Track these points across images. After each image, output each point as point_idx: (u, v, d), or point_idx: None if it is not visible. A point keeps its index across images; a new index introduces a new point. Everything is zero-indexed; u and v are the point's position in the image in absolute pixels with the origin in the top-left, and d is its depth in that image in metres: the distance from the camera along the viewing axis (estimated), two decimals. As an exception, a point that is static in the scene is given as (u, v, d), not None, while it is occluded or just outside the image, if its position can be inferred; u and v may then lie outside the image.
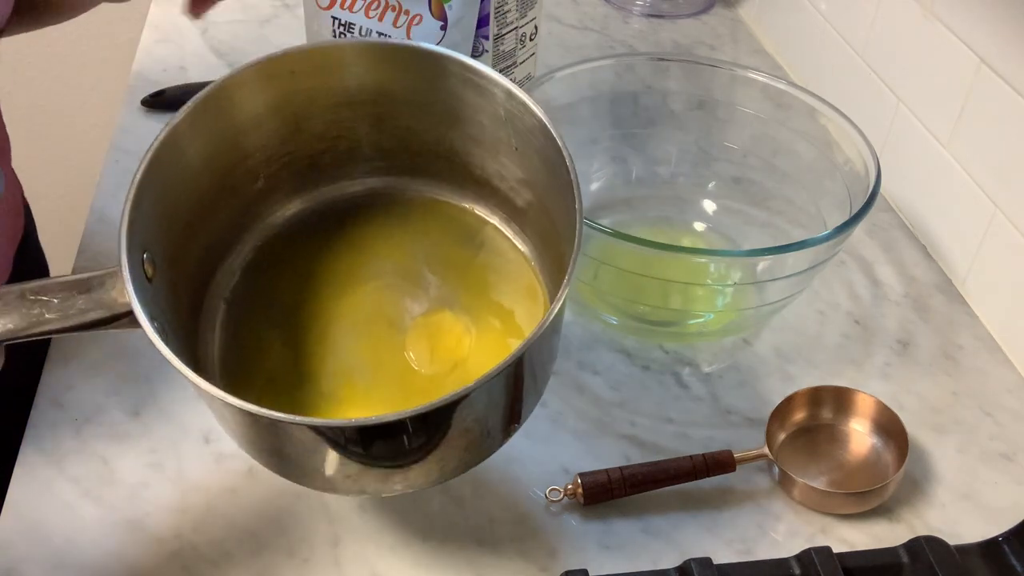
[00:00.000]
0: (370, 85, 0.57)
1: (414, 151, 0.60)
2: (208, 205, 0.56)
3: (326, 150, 0.60)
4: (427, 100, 0.57)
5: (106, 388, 0.68)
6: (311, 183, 0.60)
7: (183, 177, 0.53)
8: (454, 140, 0.58)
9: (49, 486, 0.62)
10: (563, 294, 0.47)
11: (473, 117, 0.56)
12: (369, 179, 0.61)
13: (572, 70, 0.80)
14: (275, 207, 0.60)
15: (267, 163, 0.58)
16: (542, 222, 0.55)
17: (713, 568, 0.57)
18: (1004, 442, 0.69)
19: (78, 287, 0.47)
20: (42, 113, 1.54)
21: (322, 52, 0.56)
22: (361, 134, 0.59)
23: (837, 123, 0.75)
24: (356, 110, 0.58)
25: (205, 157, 0.55)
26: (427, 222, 0.59)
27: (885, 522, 0.63)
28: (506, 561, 0.60)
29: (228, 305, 0.58)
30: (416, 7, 0.81)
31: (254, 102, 0.56)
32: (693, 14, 1.19)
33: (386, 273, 0.58)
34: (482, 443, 0.51)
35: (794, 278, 0.69)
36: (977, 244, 0.79)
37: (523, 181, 0.57)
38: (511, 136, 0.56)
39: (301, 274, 0.58)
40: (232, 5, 1.14)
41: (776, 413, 0.67)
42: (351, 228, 0.60)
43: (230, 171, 0.57)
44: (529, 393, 0.51)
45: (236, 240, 0.59)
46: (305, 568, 0.59)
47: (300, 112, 0.57)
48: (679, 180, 0.86)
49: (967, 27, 0.78)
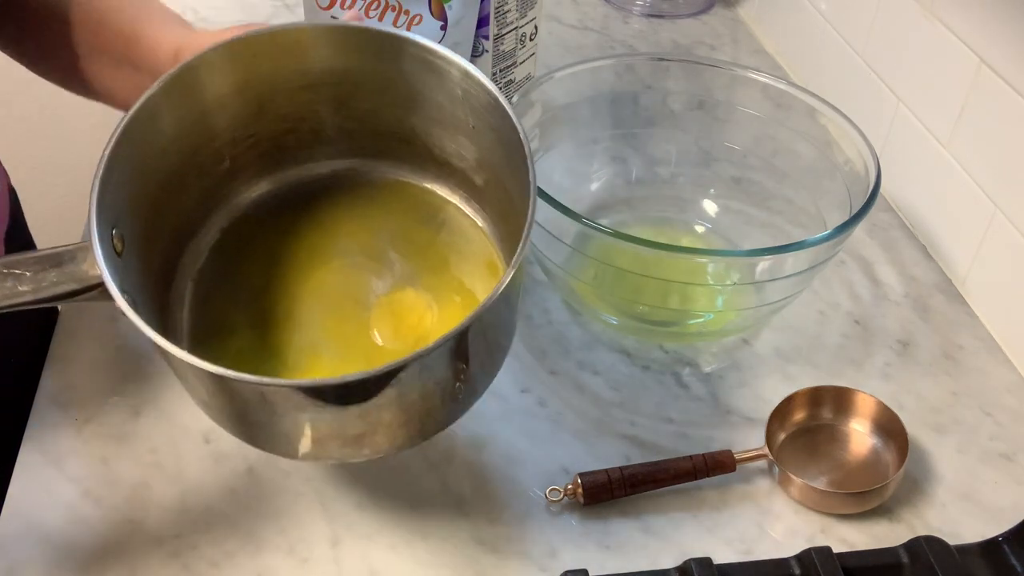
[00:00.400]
0: (331, 68, 0.58)
1: (376, 133, 0.61)
2: (176, 185, 0.57)
3: (290, 131, 0.61)
4: (387, 82, 0.58)
5: (106, 388, 0.68)
6: (276, 165, 0.62)
7: (152, 155, 0.54)
8: (414, 121, 0.59)
9: (49, 486, 0.62)
10: (515, 266, 0.48)
11: (432, 98, 0.57)
12: (333, 161, 0.62)
13: (572, 70, 0.80)
14: (241, 188, 0.61)
15: (233, 144, 0.59)
16: (500, 199, 0.56)
17: (713, 568, 0.57)
18: (1004, 442, 0.69)
19: (50, 261, 0.48)
20: (42, 112, 1.54)
21: (283, 35, 0.57)
22: (324, 116, 0.60)
23: (837, 123, 0.75)
24: (319, 92, 0.59)
25: (173, 137, 0.56)
26: (390, 202, 0.61)
27: (885, 522, 0.63)
28: (506, 561, 0.60)
29: (196, 283, 0.59)
30: (416, 7, 0.81)
31: (220, 83, 0.57)
32: (693, 14, 1.19)
33: (351, 252, 0.60)
34: (436, 410, 0.52)
35: (794, 278, 0.69)
36: (977, 244, 0.79)
37: (481, 159, 0.58)
38: (468, 115, 0.57)
39: (268, 253, 0.60)
40: (232, 5, 1.14)
41: (776, 413, 0.67)
42: (316, 209, 0.61)
43: (197, 151, 0.58)
44: (481, 360, 0.52)
45: (204, 221, 0.60)
46: (305, 568, 0.59)
47: (264, 94, 0.58)
48: (679, 180, 0.86)
49: (967, 27, 0.78)
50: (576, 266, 0.72)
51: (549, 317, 0.77)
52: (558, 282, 0.76)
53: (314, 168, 0.62)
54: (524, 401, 0.70)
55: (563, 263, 0.72)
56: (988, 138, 0.77)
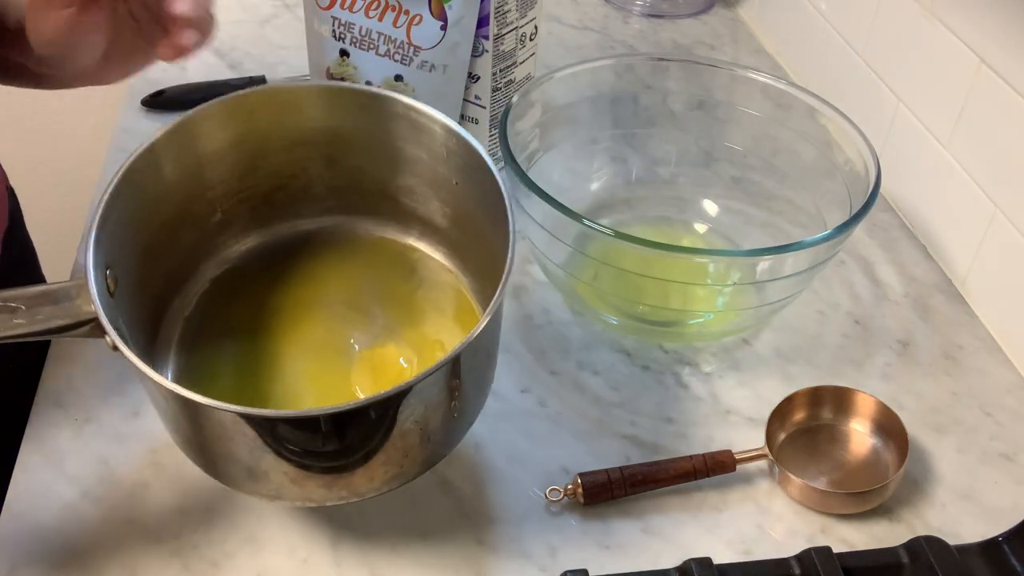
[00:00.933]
0: (323, 126, 0.61)
1: (363, 191, 0.64)
2: (169, 234, 0.60)
3: (281, 188, 0.64)
4: (375, 140, 0.61)
5: (106, 388, 0.68)
6: (266, 220, 0.65)
7: (148, 203, 0.57)
8: (399, 179, 0.62)
9: (49, 486, 0.62)
10: (486, 318, 0.50)
11: (416, 155, 0.61)
12: (320, 218, 0.65)
13: (572, 70, 0.81)
14: (231, 241, 0.64)
15: (226, 197, 0.62)
16: (480, 255, 0.58)
17: (713, 568, 0.57)
18: (1004, 442, 0.69)
19: (45, 296, 0.51)
20: (42, 112, 1.54)
21: (281, 92, 0.60)
22: (314, 173, 0.63)
23: (837, 123, 0.75)
24: (310, 150, 0.62)
25: (169, 186, 0.59)
26: (373, 258, 0.64)
27: (885, 522, 0.63)
28: (506, 561, 0.60)
29: (184, 329, 0.62)
30: (416, 7, 0.81)
31: (218, 137, 0.59)
32: (693, 14, 1.19)
33: (335, 304, 0.62)
34: (414, 452, 0.54)
35: (794, 278, 0.69)
36: (977, 244, 0.79)
37: (462, 216, 0.61)
38: (451, 172, 0.60)
39: (255, 303, 0.62)
40: (232, 5, 1.14)
41: (776, 413, 0.67)
42: (302, 262, 0.64)
43: (191, 202, 0.61)
44: (456, 413, 0.55)
45: (194, 269, 0.63)
46: (305, 568, 0.59)
47: (258, 150, 0.62)
48: (679, 180, 0.86)
49: (967, 27, 0.78)
50: (576, 266, 0.72)
51: (549, 317, 0.77)
52: (558, 282, 0.76)
53: (302, 224, 0.65)
54: (524, 401, 0.70)
55: (563, 263, 0.72)
56: (988, 138, 0.77)
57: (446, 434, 0.56)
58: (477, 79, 0.85)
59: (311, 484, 0.53)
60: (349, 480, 0.54)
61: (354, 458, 0.52)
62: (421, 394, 0.51)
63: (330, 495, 0.55)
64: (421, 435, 0.54)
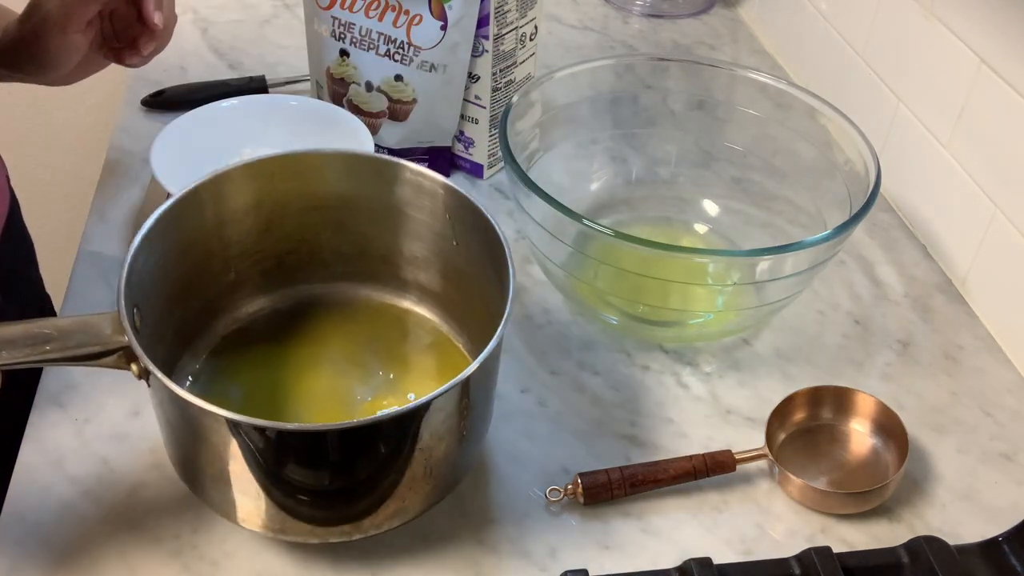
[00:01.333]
0: (336, 191, 0.65)
1: (368, 257, 0.68)
2: (186, 287, 0.63)
3: (292, 252, 0.68)
4: (381, 205, 0.65)
5: (106, 388, 0.68)
6: (276, 283, 0.69)
7: (172, 254, 0.61)
8: (403, 245, 0.67)
9: (49, 486, 0.62)
10: (493, 343, 0.54)
11: (420, 219, 0.65)
12: (326, 284, 0.70)
13: (572, 70, 0.81)
14: (242, 301, 0.68)
15: (241, 257, 0.67)
16: (480, 317, 0.60)
17: (713, 568, 0.57)
18: (1004, 442, 0.69)
19: (77, 325, 0.53)
20: (42, 112, 1.54)
21: (300, 159, 0.64)
22: (324, 239, 0.68)
23: (837, 123, 0.75)
24: (322, 215, 0.66)
25: (190, 241, 0.62)
26: (375, 319, 0.69)
27: (885, 522, 0.63)
28: (506, 561, 0.60)
29: (193, 380, 0.65)
30: (416, 7, 0.81)
31: (238, 198, 0.64)
32: (693, 14, 1.19)
33: (338, 360, 0.66)
34: (417, 485, 0.57)
35: (794, 278, 0.69)
36: (977, 244, 0.79)
37: (461, 275, 0.65)
38: (452, 232, 0.64)
39: (262, 358, 0.66)
40: (232, 5, 1.14)
41: (776, 413, 0.67)
42: (308, 321, 0.69)
43: (210, 258, 0.65)
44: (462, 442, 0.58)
45: (206, 326, 0.67)
46: (305, 568, 0.59)
47: (274, 213, 0.66)
48: (679, 180, 0.86)
49: (967, 27, 0.78)
50: (576, 266, 0.72)
51: (549, 317, 0.77)
52: (558, 282, 0.76)
53: (308, 289, 0.69)
54: (524, 401, 0.70)
55: (563, 263, 0.72)
56: (988, 138, 0.77)
57: (448, 467, 0.59)
58: (477, 79, 0.85)
59: (319, 514, 0.56)
60: (353, 511, 0.56)
61: (359, 488, 0.55)
62: (428, 419, 0.54)
63: (330, 531, 0.57)
64: (425, 466, 0.56)
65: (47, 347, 0.52)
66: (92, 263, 0.78)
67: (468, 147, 0.90)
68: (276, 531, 0.57)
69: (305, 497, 0.55)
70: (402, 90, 0.85)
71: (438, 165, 0.90)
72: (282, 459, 0.53)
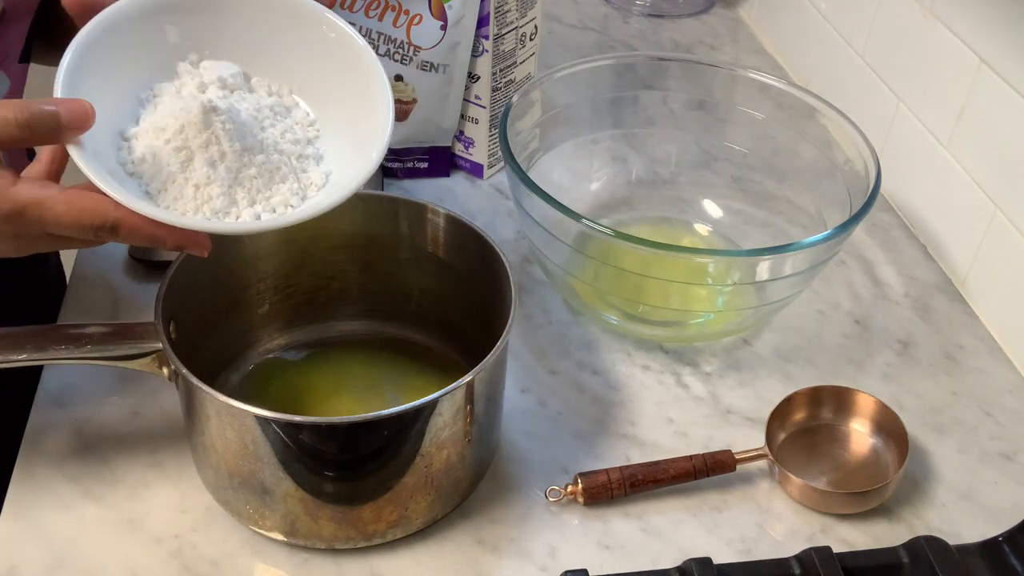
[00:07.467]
0: (363, 230, 0.68)
1: (390, 295, 0.71)
2: (220, 314, 0.67)
3: (322, 289, 0.71)
4: (406, 246, 0.68)
5: (106, 388, 0.68)
6: (305, 319, 0.72)
7: (209, 280, 0.64)
8: (423, 282, 0.70)
9: (49, 486, 0.62)
10: (497, 350, 0.57)
11: (435, 256, 0.68)
12: (352, 322, 0.73)
13: (572, 70, 0.81)
14: (275, 334, 0.72)
15: (274, 291, 0.70)
16: (487, 344, 0.61)
17: (713, 568, 0.57)
18: (1004, 442, 0.69)
19: (117, 329, 0.58)
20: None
21: None
22: (351, 276, 0.71)
23: (837, 123, 0.75)
24: (350, 253, 0.69)
25: (228, 269, 0.66)
26: (396, 355, 0.72)
27: (885, 522, 0.63)
28: (506, 561, 0.60)
29: None
30: (416, 7, 0.81)
31: (274, 232, 0.64)
32: (693, 14, 1.19)
33: (360, 389, 0.70)
34: (419, 496, 0.59)
35: (794, 278, 0.69)
36: (977, 244, 0.79)
37: (471, 306, 0.67)
38: (462, 265, 0.67)
39: (287, 386, 0.69)
40: (232, 5, 1.14)
41: (776, 413, 0.67)
42: (332, 353, 0.72)
43: (246, 289, 0.68)
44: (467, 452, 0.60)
45: (239, 355, 0.70)
46: (305, 567, 0.59)
47: (306, 249, 0.69)
48: (679, 180, 0.86)
49: (967, 27, 0.78)
50: (576, 266, 0.72)
51: (549, 317, 0.77)
52: (558, 282, 0.76)
53: (335, 327, 0.73)
54: (524, 401, 0.70)
55: (563, 263, 0.72)
56: (988, 138, 0.77)
57: (453, 478, 0.60)
58: (477, 79, 0.85)
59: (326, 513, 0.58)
60: (359, 515, 0.58)
61: (368, 492, 0.57)
62: (435, 419, 0.55)
63: (339, 533, 0.58)
64: (425, 475, 0.57)
65: (88, 346, 0.57)
66: (93, 261, 0.78)
67: (468, 147, 0.90)
68: (287, 534, 0.59)
69: (324, 498, 0.57)
70: (402, 90, 0.85)
71: (438, 165, 0.90)
72: (296, 453, 0.55)
